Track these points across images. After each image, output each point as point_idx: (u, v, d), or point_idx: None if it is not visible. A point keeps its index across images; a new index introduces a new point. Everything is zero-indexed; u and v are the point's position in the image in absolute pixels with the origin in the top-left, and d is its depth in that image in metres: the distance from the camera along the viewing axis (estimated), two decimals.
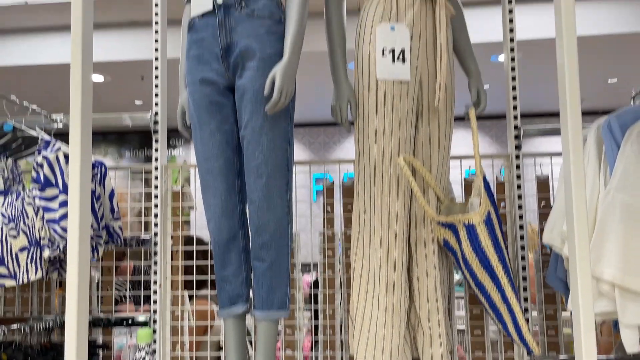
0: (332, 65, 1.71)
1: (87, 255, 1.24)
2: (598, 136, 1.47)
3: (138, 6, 4.75)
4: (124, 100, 7.00)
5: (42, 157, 1.61)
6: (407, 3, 1.63)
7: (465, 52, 1.80)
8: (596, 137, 1.47)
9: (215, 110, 1.61)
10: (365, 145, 1.64)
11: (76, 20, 1.33)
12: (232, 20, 1.57)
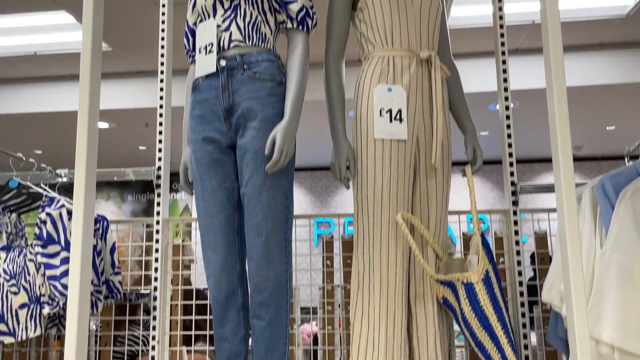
0: (331, 124, 1.75)
1: (86, 313, 1.25)
2: (593, 196, 1.49)
3: (144, 56, 4.89)
4: (128, 145, 7.10)
5: (45, 214, 1.64)
6: (404, 65, 1.69)
7: (461, 110, 1.85)
8: (591, 197, 1.50)
9: (217, 168, 1.65)
10: (364, 202, 1.66)
11: (84, 71, 1.37)
12: (234, 82, 1.62)
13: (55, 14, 4.05)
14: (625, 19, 4.26)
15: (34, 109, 5.31)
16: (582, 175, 8.21)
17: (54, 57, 4.78)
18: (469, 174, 1.71)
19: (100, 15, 1.45)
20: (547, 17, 1.30)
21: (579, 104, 5.44)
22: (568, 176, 1.20)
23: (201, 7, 1.69)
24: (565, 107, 1.24)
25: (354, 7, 1.77)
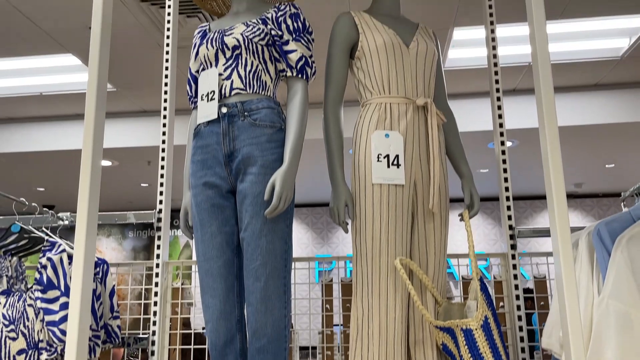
0: (330, 168, 1.78)
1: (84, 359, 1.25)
2: (589, 242, 1.50)
3: (147, 96, 4.97)
4: (130, 182, 7.15)
5: (46, 259, 1.65)
6: (401, 112, 1.72)
7: (457, 155, 1.87)
8: (587, 243, 1.51)
9: (217, 212, 1.67)
10: (362, 247, 1.67)
11: (89, 114, 1.40)
12: (235, 129, 1.66)
13: (62, 56, 4.15)
14: (620, 60, 4.34)
15: (38, 147, 5.38)
16: (584, 212, 8.21)
17: (60, 97, 4.87)
18: (466, 218, 1.73)
19: (105, 58, 1.50)
20: (537, 59, 1.34)
21: (579, 143, 5.50)
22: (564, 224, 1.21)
23: (204, 56, 1.74)
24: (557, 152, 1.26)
25: (352, 55, 1.82)
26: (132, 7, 3.50)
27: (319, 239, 8.89)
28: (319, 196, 8.40)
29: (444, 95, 1.91)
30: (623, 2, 3.53)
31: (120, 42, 3.94)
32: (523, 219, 8.46)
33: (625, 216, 1.45)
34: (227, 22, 1.79)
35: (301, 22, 1.73)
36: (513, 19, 3.71)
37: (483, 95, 4.98)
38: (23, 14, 3.53)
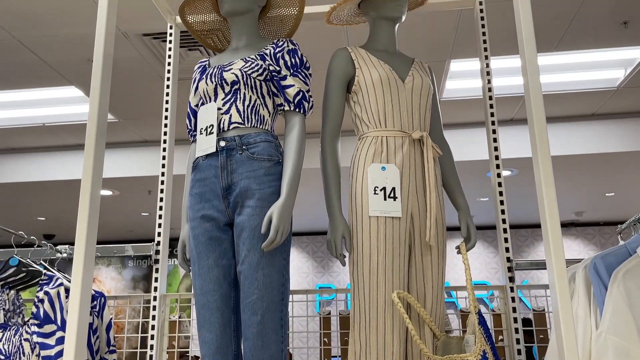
0: (327, 201, 1.79)
1: None
2: (586, 276, 1.50)
3: (148, 126, 5.02)
4: (131, 211, 7.16)
5: (43, 293, 1.65)
6: (397, 145, 1.74)
7: (453, 188, 1.89)
8: (584, 277, 1.51)
9: (215, 246, 1.67)
10: (359, 280, 1.67)
11: (89, 145, 1.42)
12: (233, 162, 1.68)
13: (65, 88, 4.21)
14: (616, 90, 4.39)
15: (40, 177, 5.41)
16: (585, 240, 8.18)
17: (62, 128, 4.92)
18: (463, 251, 1.73)
19: (106, 90, 1.53)
20: (529, 91, 1.37)
21: (578, 171, 5.52)
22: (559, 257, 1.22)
23: (203, 91, 1.78)
24: (551, 184, 1.27)
25: (349, 90, 1.85)
26: (135, 40, 3.57)
27: (319, 268, 8.84)
28: (320, 225, 8.39)
29: (440, 129, 1.93)
30: (616, 34, 3.59)
31: (123, 74, 4.00)
32: (525, 247, 8.43)
33: (621, 249, 1.45)
34: (226, 58, 1.83)
35: (299, 57, 1.77)
36: (510, 51, 3.77)
37: (482, 125, 5.03)
38: (27, 47, 3.60)
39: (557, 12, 3.33)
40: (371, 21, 1.92)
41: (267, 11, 1.95)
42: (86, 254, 1.36)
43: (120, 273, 9.22)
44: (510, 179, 5.84)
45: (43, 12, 3.20)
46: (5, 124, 4.79)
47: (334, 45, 3.67)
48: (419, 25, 3.47)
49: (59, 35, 3.46)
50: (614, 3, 3.24)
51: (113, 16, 1.65)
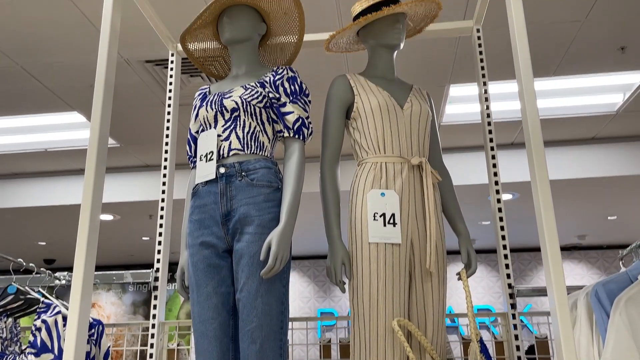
0: (327, 227, 1.78)
1: None
2: (587, 303, 1.49)
3: (149, 151, 5.04)
4: (132, 236, 7.15)
5: (41, 321, 1.64)
6: (396, 171, 1.75)
7: (453, 214, 1.88)
8: (586, 304, 1.49)
9: (214, 273, 1.66)
10: (359, 307, 1.66)
11: (89, 171, 1.42)
12: (233, 189, 1.68)
13: (67, 114, 4.24)
14: (615, 115, 4.41)
15: (41, 202, 5.42)
16: (588, 264, 8.12)
17: (64, 153, 4.95)
18: (464, 278, 1.72)
19: (107, 116, 1.54)
20: (526, 115, 1.37)
21: (579, 195, 5.51)
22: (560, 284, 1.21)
23: (203, 118, 1.79)
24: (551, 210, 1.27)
25: (348, 116, 1.86)
26: (136, 67, 3.60)
27: (321, 292, 8.77)
28: (321, 248, 8.36)
29: (439, 154, 1.94)
30: (614, 60, 3.62)
31: (125, 99, 4.04)
32: (527, 271, 8.37)
33: (622, 277, 1.44)
34: (226, 85, 1.84)
35: (298, 85, 1.78)
36: (509, 76, 3.80)
37: (483, 149, 5.04)
38: (30, 74, 3.64)
39: (555, 38, 3.36)
40: (370, 49, 1.94)
41: (267, 39, 1.98)
42: (84, 283, 1.35)
43: (120, 298, 9.16)
44: (512, 203, 5.83)
45: (46, 39, 3.25)
46: (8, 149, 4.81)
47: (333, 71, 3.71)
48: (419, 51, 3.51)
49: (62, 62, 3.50)
50: (611, 29, 3.28)
51: (115, 43, 1.67)
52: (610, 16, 3.14)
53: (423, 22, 2.04)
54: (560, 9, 3.08)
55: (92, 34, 3.22)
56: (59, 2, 2.92)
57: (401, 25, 1.87)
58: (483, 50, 2.17)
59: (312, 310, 8.58)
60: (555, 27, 3.24)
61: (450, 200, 1.89)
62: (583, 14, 3.13)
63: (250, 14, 1.84)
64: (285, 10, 1.89)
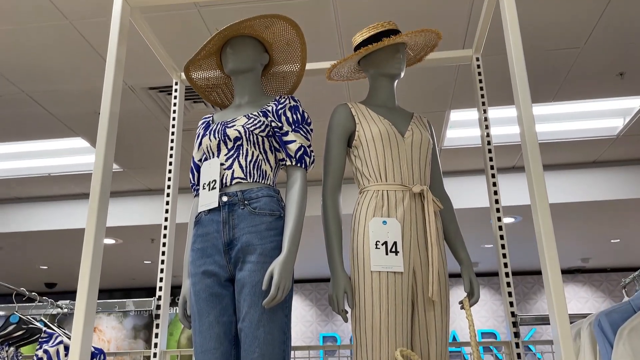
0: (329, 255, 1.79)
1: None
2: (591, 333, 1.48)
3: (151, 175, 5.06)
4: (133, 260, 7.13)
5: (42, 351, 1.64)
6: (398, 199, 1.76)
7: (455, 242, 1.88)
8: (589, 334, 1.49)
9: (215, 302, 1.66)
10: (362, 336, 1.65)
11: (94, 197, 1.43)
12: (235, 217, 1.68)
13: (71, 139, 4.28)
14: (616, 139, 4.43)
15: (43, 226, 5.43)
16: (593, 287, 8.06)
17: (67, 178, 4.97)
18: (466, 306, 1.71)
19: (112, 145, 1.56)
20: (525, 139, 1.38)
21: (582, 218, 5.50)
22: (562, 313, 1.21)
23: (207, 147, 1.81)
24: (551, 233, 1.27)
25: (349, 144, 1.88)
26: (140, 93, 3.65)
27: (323, 316, 8.70)
28: (323, 272, 8.32)
29: (441, 182, 1.95)
30: (613, 85, 3.66)
31: (128, 125, 4.08)
32: (531, 295, 8.30)
33: (625, 306, 1.44)
34: (229, 114, 1.87)
35: (300, 114, 1.80)
36: (510, 101, 3.83)
37: (484, 172, 5.05)
38: (35, 101, 3.69)
39: (554, 64, 3.40)
40: (371, 78, 1.97)
41: (270, 68, 2.01)
42: (86, 314, 1.36)
43: (121, 322, 9.10)
44: (515, 226, 5.82)
45: (51, 67, 3.30)
46: (12, 174, 4.84)
47: (335, 98, 3.74)
48: (420, 77, 3.55)
49: (66, 89, 3.54)
50: (610, 56, 3.32)
51: (120, 74, 1.70)
52: (609, 43, 3.19)
53: (423, 52, 2.08)
54: (559, 36, 3.12)
55: (96, 62, 3.26)
56: (64, 31, 2.97)
57: (401, 55, 1.90)
58: (483, 78, 2.20)
59: (314, 334, 8.50)
60: (554, 53, 3.29)
61: (451, 228, 1.89)
62: (582, 41, 3.17)
63: (253, 44, 1.88)
64: (288, 40, 1.92)
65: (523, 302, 8.23)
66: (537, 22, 2.99)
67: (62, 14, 2.83)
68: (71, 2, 2.75)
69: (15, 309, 1.79)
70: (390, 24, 1.93)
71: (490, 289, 8.35)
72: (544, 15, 2.93)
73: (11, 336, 1.80)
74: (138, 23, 1.93)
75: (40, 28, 2.94)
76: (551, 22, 2.98)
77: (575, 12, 2.91)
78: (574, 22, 3.00)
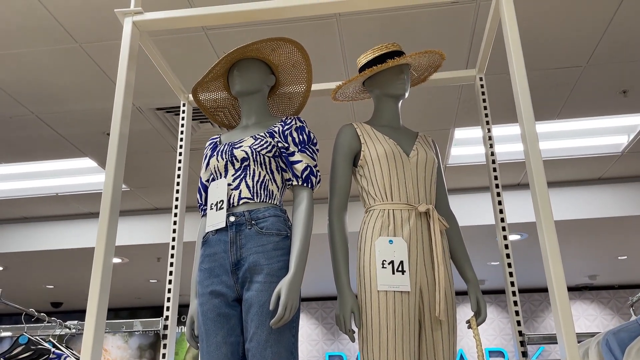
0: (335, 275, 1.79)
1: None
2: (599, 352, 1.48)
3: (158, 195, 5.09)
4: (139, 278, 7.13)
5: None
6: (404, 218, 1.77)
7: (462, 260, 1.89)
8: (597, 353, 1.48)
9: (223, 322, 1.67)
10: (370, 356, 1.65)
11: (103, 219, 1.45)
12: (242, 237, 1.70)
13: (79, 160, 4.32)
14: (621, 155, 4.44)
15: (50, 246, 5.45)
16: (601, 305, 7.99)
17: (74, 197, 5.01)
18: (474, 326, 1.71)
19: (121, 166, 1.58)
20: (529, 157, 1.39)
21: (588, 235, 5.48)
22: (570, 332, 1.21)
23: (214, 167, 1.83)
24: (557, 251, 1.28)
25: (355, 163, 1.90)
26: (148, 114, 3.69)
27: (329, 335, 8.63)
28: (329, 290, 8.28)
29: (446, 201, 1.96)
30: (616, 103, 3.68)
31: (135, 145, 4.12)
32: (539, 312, 8.23)
33: (632, 325, 1.44)
34: (236, 135, 1.89)
35: (306, 134, 1.83)
36: (515, 119, 3.86)
37: (489, 190, 5.06)
38: (44, 122, 3.73)
39: (558, 83, 3.43)
40: (375, 98, 1.99)
41: (276, 89, 2.04)
42: (95, 335, 1.37)
43: (126, 341, 9.07)
44: (521, 243, 5.80)
45: (60, 89, 3.35)
46: (19, 194, 4.88)
47: (340, 118, 3.78)
48: (424, 96, 3.58)
49: (75, 110, 3.59)
50: (612, 74, 3.34)
51: (129, 97, 1.73)
52: (612, 60, 3.21)
53: (427, 72, 2.10)
54: (562, 55, 3.15)
55: (105, 83, 3.31)
56: (73, 53, 3.03)
57: (405, 76, 1.92)
58: (486, 98, 2.22)
59: (320, 353, 8.44)
60: (557, 72, 3.31)
61: (458, 247, 1.90)
62: (584, 59, 3.20)
63: (259, 66, 1.91)
64: (294, 62, 1.95)
65: (531, 319, 8.16)
66: (539, 41, 3.02)
67: (71, 37, 2.89)
68: (80, 26, 2.81)
69: (24, 330, 1.80)
70: (395, 45, 1.96)
71: (497, 307, 8.29)
72: (546, 34, 2.96)
73: (20, 357, 1.81)
74: (147, 46, 1.96)
75: (49, 51, 2.99)
76: (554, 40, 3.02)
77: (577, 30, 2.94)
78: (576, 40, 3.03)
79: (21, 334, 1.78)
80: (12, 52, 2.99)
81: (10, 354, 1.80)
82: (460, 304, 8.28)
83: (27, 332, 1.80)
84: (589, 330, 7.03)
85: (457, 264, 1.89)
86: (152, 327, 2.03)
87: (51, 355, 1.71)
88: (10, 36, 2.86)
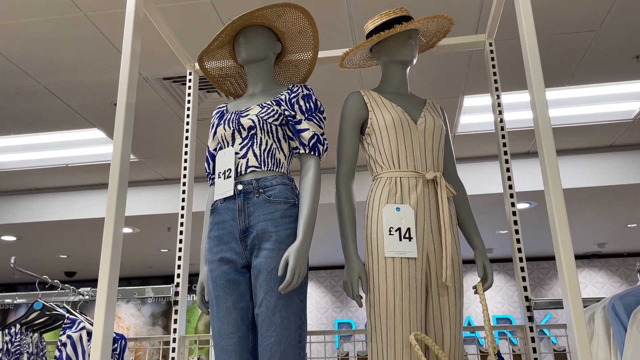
0: (343, 242, 1.81)
1: None
2: (605, 317, 1.49)
3: (167, 165, 5.12)
4: (150, 248, 7.23)
5: (66, 337, 1.69)
6: (411, 185, 1.77)
7: (469, 227, 1.89)
8: (603, 317, 1.49)
9: (232, 288, 1.69)
10: (376, 321, 1.68)
11: (112, 189, 1.47)
12: (250, 205, 1.71)
13: (88, 131, 4.34)
14: (632, 122, 4.38)
15: (62, 216, 5.52)
16: (609, 272, 8.01)
17: (84, 168, 5.05)
18: (480, 291, 1.73)
19: (129, 135, 1.59)
20: (539, 124, 1.38)
21: (598, 203, 5.46)
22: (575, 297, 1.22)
23: (221, 136, 1.83)
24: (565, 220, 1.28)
25: (363, 132, 1.89)
26: (155, 84, 3.68)
27: (338, 303, 8.75)
28: (338, 259, 8.36)
29: (454, 168, 1.96)
30: (628, 69, 3.61)
31: (143, 115, 4.12)
32: (547, 280, 8.27)
33: (639, 290, 1.44)
34: (243, 104, 1.89)
35: (313, 102, 1.82)
36: (525, 86, 3.80)
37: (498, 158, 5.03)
38: (52, 93, 3.74)
39: (569, 48, 3.37)
40: (383, 65, 1.97)
41: (283, 57, 2.02)
42: (108, 300, 1.39)
43: (139, 309, 9.25)
44: (529, 212, 5.79)
45: (68, 60, 3.34)
46: (30, 165, 4.93)
47: (347, 86, 3.74)
48: (432, 63, 3.53)
49: (83, 81, 3.59)
50: (626, 38, 3.27)
51: (135, 66, 1.72)
52: (624, 25, 3.14)
53: (435, 38, 2.07)
54: (573, 19, 3.08)
55: (112, 54, 3.30)
56: (79, 23, 3.01)
57: (413, 42, 1.90)
58: (496, 64, 2.19)
59: (330, 321, 8.57)
60: (569, 37, 3.25)
61: (465, 214, 1.90)
62: (597, 24, 3.13)
63: (265, 33, 1.89)
64: (300, 29, 1.93)
65: (539, 287, 8.21)
66: (551, 5, 2.96)
67: (76, 6, 2.86)
68: None
69: (38, 297, 1.84)
70: (402, 10, 1.92)
71: (505, 275, 8.34)
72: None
73: (35, 322, 1.86)
74: (152, 14, 1.95)
75: (55, 21, 2.97)
76: (566, 4, 2.95)
77: None
78: (589, 5, 2.96)
79: (35, 300, 1.82)
80: (17, 22, 2.97)
81: (26, 319, 1.84)
82: (468, 272, 8.33)
83: (42, 299, 1.84)
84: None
85: (465, 231, 1.90)
86: (163, 293, 2.07)
87: (66, 321, 1.75)
88: (15, 6, 2.84)
